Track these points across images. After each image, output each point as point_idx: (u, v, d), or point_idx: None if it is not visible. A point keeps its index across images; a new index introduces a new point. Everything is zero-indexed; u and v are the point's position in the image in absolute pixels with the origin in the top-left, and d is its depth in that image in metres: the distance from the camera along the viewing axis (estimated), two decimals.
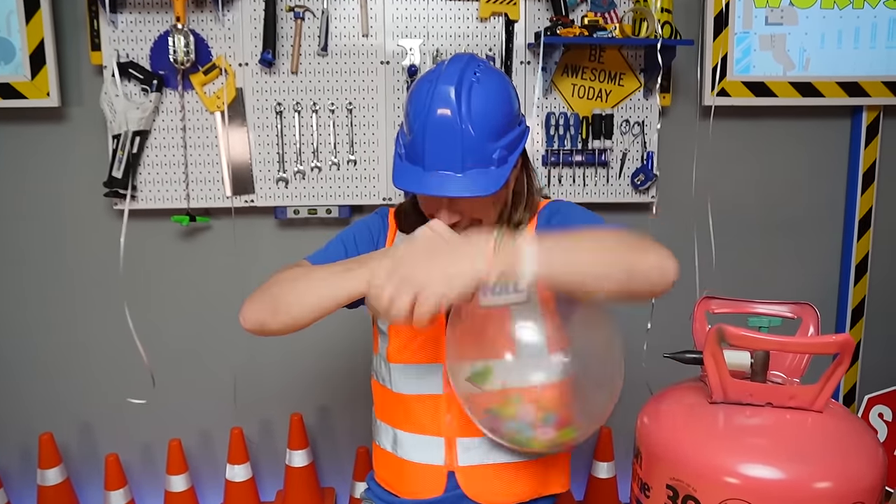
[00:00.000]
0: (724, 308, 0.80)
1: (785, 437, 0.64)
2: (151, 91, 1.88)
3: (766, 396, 0.67)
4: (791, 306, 0.79)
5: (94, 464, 2.08)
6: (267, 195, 1.97)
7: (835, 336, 0.61)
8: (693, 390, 0.74)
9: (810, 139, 2.09)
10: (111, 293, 1.99)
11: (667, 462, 0.66)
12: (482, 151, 1.06)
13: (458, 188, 1.06)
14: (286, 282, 1.10)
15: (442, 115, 1.03)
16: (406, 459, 1.21)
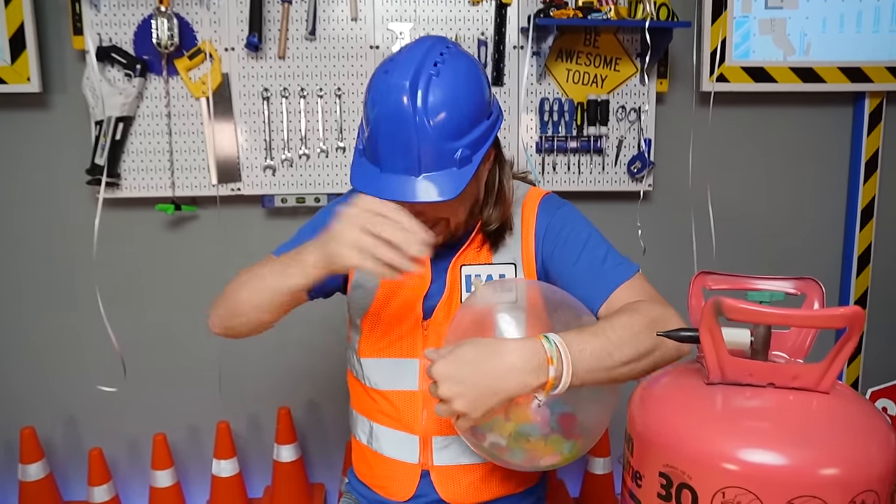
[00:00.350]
0: (722, 284, 0.75)
1: (788, 419, 0.59)
2: (135, 76, 1.83)
3: (767, 376, 0.62)
4: (794, 282, 0.74)
5: (78, 458, 2.03)
6: (254, 183, 1.93)
7: (843, 308, 0.56)
8: (688, 372, 0.69)
9: (811, 126, 2.04)
10: (93, 283, 1.94)
11: (659, 448, 0.61)
12: (442, 151, 0.96)
13: (413, 193, 0.97)
14: (239, 284, 1.07)
15: (395, 113, 0.94)
16: (381, 454, 1.16)
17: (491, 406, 0.84)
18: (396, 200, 0.96)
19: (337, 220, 0.92)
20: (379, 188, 0.98)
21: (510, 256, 1.14)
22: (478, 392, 0.83)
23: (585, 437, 0.88)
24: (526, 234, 1.15)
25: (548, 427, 0.85)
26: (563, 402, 0.86)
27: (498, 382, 0.84)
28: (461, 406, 0.83)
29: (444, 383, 0.84)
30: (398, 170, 0.97)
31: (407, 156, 0.96)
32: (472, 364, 0.85)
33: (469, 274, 1.13)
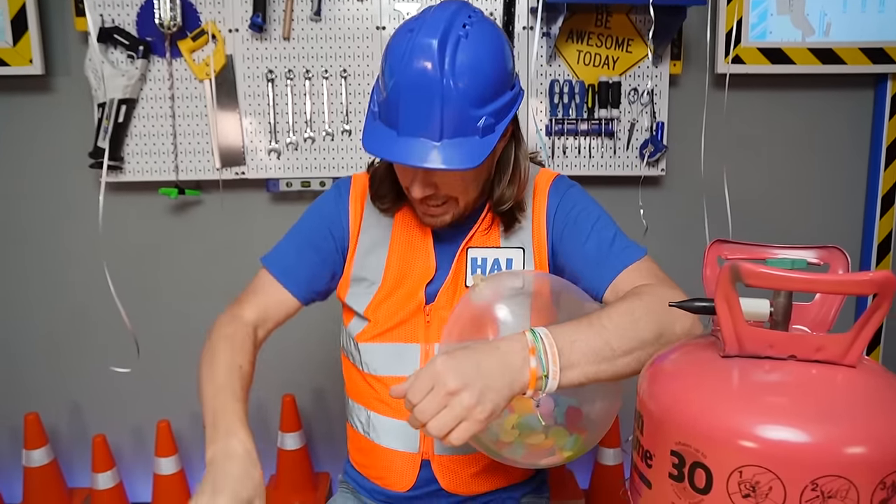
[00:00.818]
0: (739, 253, 0.70)
1: (811, 394, 0.55)
2: (137, 58, 1.81)
3: (789, 348, 0.58)
4: (817, 251, 0.69)
5: (83, 445, 2.01)
6: (258, 167, 1.89)
7: (872, 273, 0.52)
8: (703, 345, 0.64)
9: (830, 110, 1.97)
10: (98, 268, 1.92)
11: (672, 425, 0.57)
12: (465, 118, 0.91)
13: (433, 159, 0.91)
14: (203, 363, 1.05)
15: (420, 72, 0.88)
16: (379, 444, 1.12)
17: (496, 405, 0.76)
18: (413, 165, 0.93)
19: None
20: (395, 152, 0.93)
21: (519, 241, 1.10)
22: (482, 385, 0.75)
23: (591, 431, 0.83)
24: (537, 218, 1.10)
25: (551, 419, 0.81)
26: (568, 396, 0.82)
27: (499, 378, 0.76)
28: (470, 399, 0.74)
29: (449, 374, 0.75)
30: (418, 133, 0.92)
31: (429, 119, 0.90)
32: (466, 361, 0.77)
33: (475, 257, 1.09)
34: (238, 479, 0.82)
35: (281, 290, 1.12)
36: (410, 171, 0.99)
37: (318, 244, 1.14)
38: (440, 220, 1.06)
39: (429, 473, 1.10)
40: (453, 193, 1.02)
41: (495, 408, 0.76)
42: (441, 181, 0.99)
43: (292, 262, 1.13)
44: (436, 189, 0.99)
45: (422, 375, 0.77)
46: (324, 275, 1.14)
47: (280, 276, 1.12)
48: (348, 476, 1.23)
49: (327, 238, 1.14)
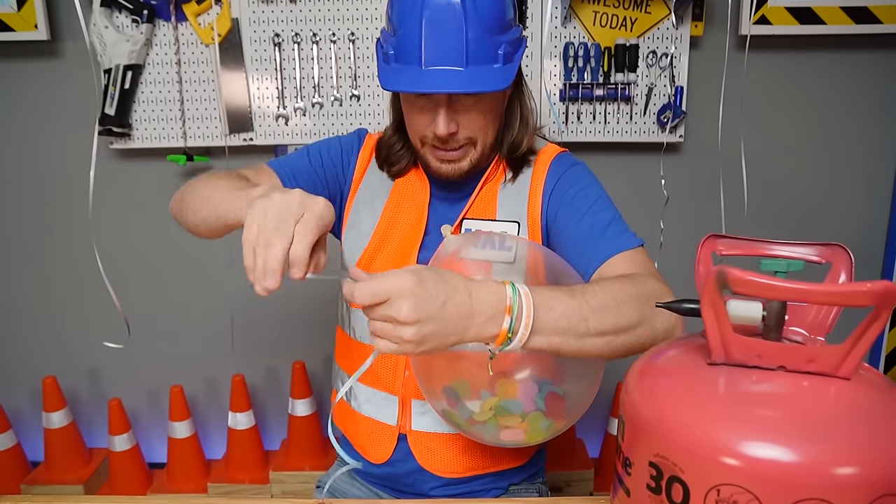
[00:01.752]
0: (735, 249, 0.66)
1: (800, 409, 0.51)
2: (142, 22, 1.77)
3: (778, 358, 0.54)
4: (818, 248, 0.65)
5: (101, 407, 2.06)
6: (266, 133, 1.87)
7: (871, 283, 0.48)
8: (692, 348, 0.61)
9: (863, 73, 1.86)
10: (110, 234, 1.93)
11: (651, 434, 0.54)
12: (488, 44, 0.94)
13: (463, 83, 0.93)
14: (196, 188, 0.98)
15: (446, 2, 0.91)
16: (359, 413, 1.12)
17: (436, 347, 0.73)
18: (447, 91, 0.94)
19: (280, 199, 0.72)
20: (422, 82, 0.94)
21: (515, 213, 1.07)
22: (433, 328, 0.71)
23: (567, 419, 0.81)
24: (534, 191, 1.08)
25: (532, 405, 0.79)
26: (551, 382, 0.79)
27: (453, 325, 0.72)
28: (411, 335, 0.70)
29: (407, 302, 0.69)
30: (443, 62, 0.93)
31: (455, 45, 0.92)
32: (434, 296, 0.71)
33: (469, 228, 1.07)
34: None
35: (277, 180, 1.09)
36: (433, 108, 0.99)
37: (327, 163, 1.15)
38: (458, 167, 1.05)
39: (405, 448, 1.09)
40: (473, 133, 1.02)
41: (433, 350, 0.73)
42: (464, 118, 1.00)
43: (296, 166, 1.13)
44: (457, 128, 1.00)
45: (386, 281, 0.71)
46: (320, 191, 1.12)
47: (280, 172, 1.10)
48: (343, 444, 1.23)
49: (337, 163, 1.15)
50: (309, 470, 1.95)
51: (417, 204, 1.11)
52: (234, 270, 1.93)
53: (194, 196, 0.97)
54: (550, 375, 0.80)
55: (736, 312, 0.56)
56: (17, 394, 2.11)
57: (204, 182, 0.98)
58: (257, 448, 1.99)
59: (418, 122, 1.02)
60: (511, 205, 1.08)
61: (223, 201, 0.89)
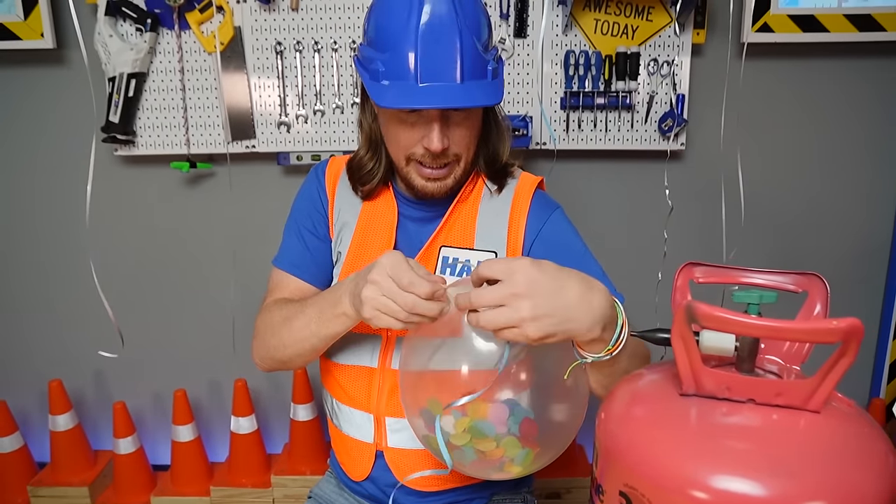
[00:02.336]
0: (712, 277, 0.66)
1: (769, 442, 0.52)
2: (146, 31, 1.79)
3: (747, 391, 0.54)
4: (794, 277, 0.65)
5: (106, 411, 2.08)
6: (268, 140, 1.88)
7: (837, 321, 0.48)
8: (665, 376, 0.61)
9: (867, 81, 1.84)
10: (111, 240, 1.96)
11: (622, 463, 0.55)
12: (479, 60, 0.96)
13: (461, 98, 0.94)
14: (274, 332, 1.05)
15: (439, 18, 0.92)
16: (341, 430, 1.14)
17: (554, 332, 0.73)
18: (446, 107, 0.95)
19: (368, 271, 0.86)
20: (422, 98, 0.94)
21: (493, 241, 1.08)
22: (554, 305, 0.72)
23: (544, 448, 0.81)
24: (514, 224, 1.10)
25: (504, 427, 0.79)
26: (526, 408, 0.80)
27: (575, 309, 0.73)
28: (530, 311, 0.71)
29: (523, 278, 0.72)
30: (441, 77, 0.94)
31: (451, 60, 0.93)
32: (559, 282, 0.74)
33: (447, 256, 1.07)
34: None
35: (297, 281, 1.15)
36: (425, 123, 0.99)
37: (313, 228, 1.17)
38: (443, 185, 1.06)
39: (383, 464, 1.11)
40: (460, 150, 1.03)
41: (547, 335, 0.73)
42: (454, 133, 1.01)
43: (299, 254, 1.16)
44: (448, 143, 1.01)
45: (501, 263, 0.75)
46: (329, 254, 1.16)
47: (292, 270, 1.15)
48: (332, 462, 1.25)
49: (318, 220, 1.17)
50: (310, 474, 1.96)
51: (386, 225, 1.12)
52: (236, 274, 1.95)
53: (274, 340, 1.04)
54: (525, 400, 0.80)
55: (709, 343, 0.56)
56: (25, 396, 2.14)
57: (271, 328, 1.05)
58: (259, 452, 2.01)
59: (406, 138, 1.02)
60: (489, 232, 1.09)
61: (308, 325, 0.97)
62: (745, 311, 0.57)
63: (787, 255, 1.94)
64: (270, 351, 1.07)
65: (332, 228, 1.16)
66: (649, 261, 1.88)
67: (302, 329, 0.99)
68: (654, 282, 1.84)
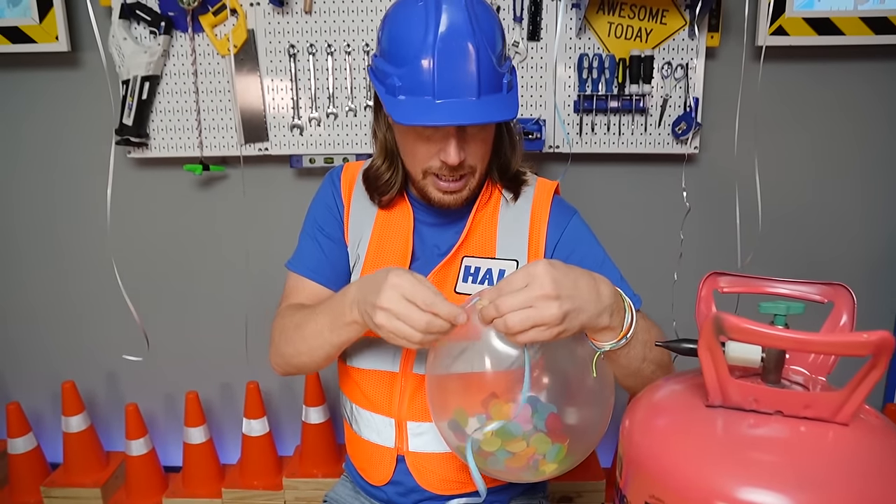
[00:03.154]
0: (737, 287, 0.66)
1: (797, 455, 0.51)
2: (160, 34, 1.79)
3: (775, 403, 0.54)
4: (820, 287, 0.64)
5: (119, 412, 2.09)
6: (281, 143, 1.88)
7: (868, 333, 0.47)
8: (690, 386, 0.61)
9: (883, 84, 1.83)
10: (122, 242, 1.96)
11: (646, 475, 0.54)
12: (495, 73, 0.96)
13: (479, 114, 0.94)
14: (287, 339, 1.06)
15: (456, 32, 0.91)
16: (361, 436, 1.14)
17: (573, 326, 0.77)
18: (465, 124, 0.94)
19: (375, 285, 0.86)
20: (440, 116, 0.93)
21: (514, 250, 1.08)
22: (571, 304, 0.76)
23: (575, 441, 0.81)
24: (535, 231, 1.10)
25: (531, 425, 0.79)
26: (547, 403, 0.80)
27: (587, 302, 0.78)
28: (556, 309, 0.75)
29: (548, 279, 0.76)
30: (457, 94, 0.93)
31: (468, 76, 0.92)
32: (566, 273, 0.79)
33: (469, 265, 1.07)
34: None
35: (313, 285, 1.15)
36: (441, 138, 0.99)
37: (330, 232, 1.17)
38: (459, 196, 1.07)
39: (404, 468, 1.10)
40: (475, 161, 1.03)
41: (571, 329, 0.78)
42: (470, 146, 1.01)
43: (315, 258, 1.16)
44: (465, 156, 1.00)
45: (519, 273, 0.79)
46: (345, 259, 1.16)
47: (307, 273, 1.15)
48: (347, 466, 1.25)
49: (334, 225, 1.17)
50: (322, 477, 1.96)
51: (402, 231, 1.13)
52: (249, 277, 1.95)
53: (289, 348, 1.05)
54: (545, 396, 0.80)
55: (735, 354, 0.55)
56: (38, 397, 2.16)
57: (284, 336, 1.06)
58: (271, 454, 2.01)
59: (423, 152, 1.02)
60: (510, 241, 1.09)
61: (321, 332, 0.98)
62: (772, 322, 0.57)
63: (803, 261, 1.93)
64: (286, 357, 1.07)
65: (348, 233, 1.16)
66: (664, 262, 1.87)
67: (315, 337, 1.00)
68: (670, 282, 1.83)
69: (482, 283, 1.05)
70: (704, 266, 1.86)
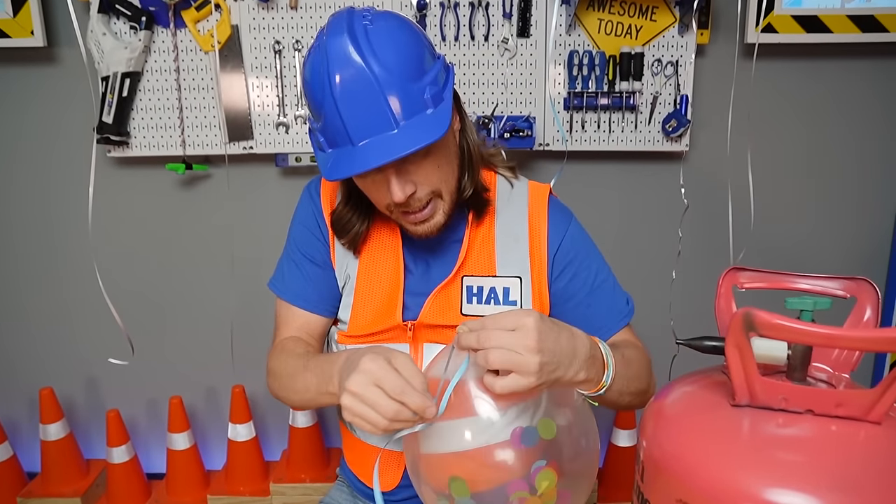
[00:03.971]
0: (758, 282, 0.64)
1: (828, 455, 0.49)
2: (140, 29, 1.75)
3: (806, 402, 0.52)
4: (843, 282, 0.63)
5: (100, 419, 2.03)
6: (266, 141, 1.84)
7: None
8: (712, 385, 0.59)
9: (870, 81, 1.84)
10: (103, 244, 1.91)
11: (672, 478, 0.52)
12: (410, 94, 0.85)
13: (400, 146, 0.84)
14: (281, 385, 1.03)
15: (347, 71, 0.82)
16: (365, 442, 1.10)
17: (547, 381, 0.76)
18: (385, 162, 0.85)
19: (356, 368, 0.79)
20: (361, 162, 0.85)
21: (516, 268, 1.04)
22: (550, 359, 0.75)
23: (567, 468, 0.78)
24: (535, 241, 1.05)
25: (529, 483, 0.76)
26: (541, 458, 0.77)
27: (566, 359, 0.77)
28: (537, 363, 0.73)
29: (536, 334, 0.74)
30: (372, 133, 0.85)
31: (376, 111, 0.84)
32: (551, 328, 0.77)
33: (470, 285, 1.03)
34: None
35: (303, 314, 1.10)
36: (382, 177, 0.91)
37: (314, 256, 1.10)
38: (432, 224, 0.98)
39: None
40: (434, 186, 0.95)
41: (547, 383, 0.77)
42: (418, 174, 0.92)
43: (300, 285, 1.10)
44: (415, 187, 0.93)
45: (510, 316, 0.76)
46: (333, 282, 1.10)
47: (296, 301, 1.10)
48: (343, 471, 1.22)
49: (318, 247, 1.10)
50: (309, 482, 1.93)
51: (391, 247, 1.07)
52: (234, 279, 1.91)
53: (284, 392, 1.03)
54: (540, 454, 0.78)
55: (760, 351, 0.54)
56: (14, 405, 2.09)
57: (279, 380, 1.03)
58: (257, 459, 1.96)
59: (376, 194, 0.96)
60: (510, 256, 1.04)
61: (309, 389, 0.96)
62: (798, 318, 0.55)
63: (796, 259, 1.93)
64: (281, 398, 1.05)
65: (335, 254, 1.10)
66: (659, 261, 1.87)
67: (304, 392, 0.97)
68: (666, 281, 1.83)
69: (488, 304, 1.02)
70: (698, 264, 1.89)
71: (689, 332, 0.90)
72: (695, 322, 1.73)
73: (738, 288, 0.66)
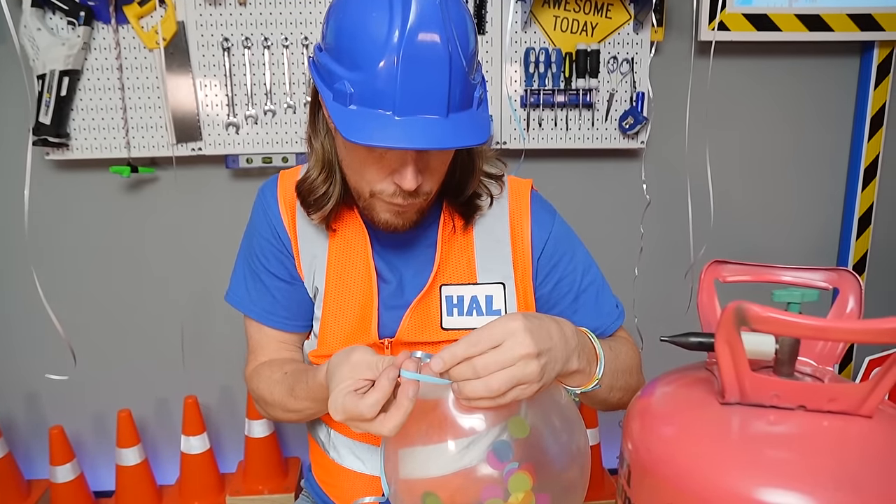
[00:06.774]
0: (740, 275, 0.63)
1: (823, 452, 0.48)
2: (79, 24, 1.66)
3: (798, 397, 0.51)
4: (825, 273, 0.62)
5: (41, 437, 1.93)
6: (216, 142, 1.78)
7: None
8: (697, 382, 0.57)
9: (816, 78, 1.89)
10: (43, 251, 1.81)
11: (660, 481, 0.50)
12: (467, 87, 0.78)
13: (451, 137, 0.77)
14: (273, 412, 0.98)
15: (429, 34, 0.73)
16: (340, 464, 1.04)
17: (550, 379, 0.70)
18: (434, 148, 0.78)
19: (336, 373, 0.73)
20: (403, 137, 0.75)
21: (498, 273, 0.96)
22: (549, 357, 0.69)
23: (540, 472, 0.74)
24: (518, 242, 0.97)
25: (503, 487, 0.72)
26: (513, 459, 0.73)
27: (562, 351, 0.71)
28: (537, 367, 0.67)
29: (527, 336, 0.67)
30: (423, 111, 0.76)
31: (439, 88, 0.75)
32: (541, 325, 0.70)
33: (450, 295, 0.95)
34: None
35: (275, 332, 1.02)
36: (398, 160, 0.82)
37: (279, 272, 1.00)
38: (408, 218, 0.91)
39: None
40: (433, 185, 0.88)
41: (547, 383, 0.71)
42: (433, 169, 0.86)
43: (268, 301, 1.01)
44: (422, 180, 0.84)
45: (493, 329, 0.68)
46: (303, 294, 1.01)
47: (266, 321, 1.02)
48: (309, 486, 1.15)
49: (281, 261, 1.00)
50: (267, 493, 1.86)
51: (360, 254, 0.98)
52: (184, 284, 1.83)
53: (274, 414, 0.98)
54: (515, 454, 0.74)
55: (748, 346, 0.52)
56: None
57: (265, 406, 0.99)
58: (212, 472, 1.89)
59: (373, 173, 0.85)
60: (491, 261, 0.97)
61: (307, 409, 0.92)
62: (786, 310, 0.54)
63: (755, 253, 1.96)
64: (272, 417, 1.01)
65: (301, 265, 1.00)
66: (621, 258, 1.87)
67: (300, 412, 0.93)
68: (629, 278, 1.83)
69: (469, 315, 0.94)
70: (659, 261, 1.90)
71: (655, 328, 0.89)
72: (659, 318, 1.74)
73: (721, 281, 0.64)
